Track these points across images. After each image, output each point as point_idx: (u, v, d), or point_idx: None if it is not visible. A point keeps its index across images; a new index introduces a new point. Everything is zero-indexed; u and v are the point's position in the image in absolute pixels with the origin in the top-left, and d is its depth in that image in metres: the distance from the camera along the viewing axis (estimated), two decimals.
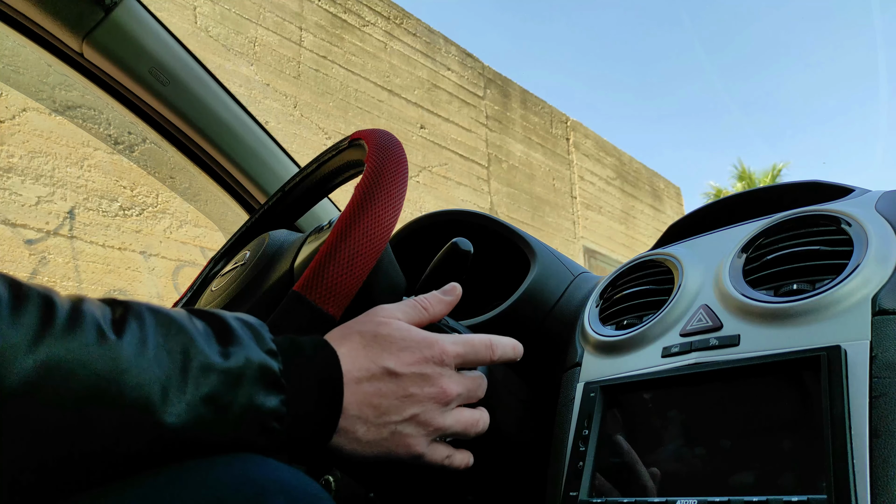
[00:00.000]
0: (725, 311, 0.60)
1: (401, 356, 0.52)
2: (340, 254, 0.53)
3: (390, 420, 0.51)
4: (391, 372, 0.51)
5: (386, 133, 0.64)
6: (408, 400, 0.52)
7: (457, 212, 0.97)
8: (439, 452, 0.56)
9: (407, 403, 0.51)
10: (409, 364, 0.52)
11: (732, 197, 0.83)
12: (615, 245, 6.92)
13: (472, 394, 0.57)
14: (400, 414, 0.51)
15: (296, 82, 4.32)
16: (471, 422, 0.57)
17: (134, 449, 0.38)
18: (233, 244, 0.85)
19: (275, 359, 0.45)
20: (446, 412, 0.54)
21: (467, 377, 0.57)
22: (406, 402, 0.51)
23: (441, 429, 0.54)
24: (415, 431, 0.52)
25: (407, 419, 0.52)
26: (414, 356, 0.53)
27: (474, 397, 0.58)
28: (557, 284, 0.84)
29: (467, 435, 0.57)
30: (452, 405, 0.55)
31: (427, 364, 0.53)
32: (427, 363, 0.53)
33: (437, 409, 0.53)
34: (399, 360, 0.52)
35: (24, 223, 2.93)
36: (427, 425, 0.53)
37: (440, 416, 0.54)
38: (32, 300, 0.36)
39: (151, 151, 1.31)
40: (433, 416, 0.53)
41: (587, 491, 0.58)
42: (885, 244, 0.55)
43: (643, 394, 0.61)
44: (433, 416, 0.53)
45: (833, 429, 0.47)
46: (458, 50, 5.77)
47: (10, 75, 1.61)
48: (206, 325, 0.44)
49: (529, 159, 6.20)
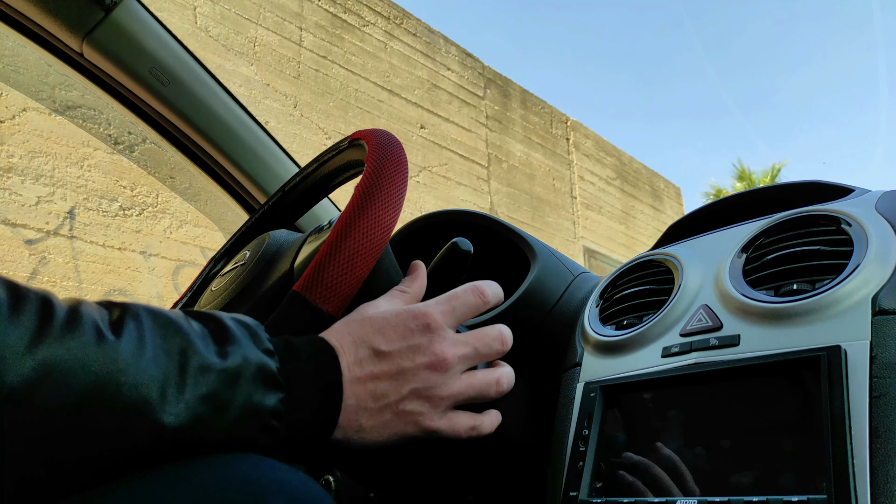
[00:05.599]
0: (725, 311, 0.60)
1: (385, 333, 0.50)
2: (340, 254, 0.53)
3: (389, 401, 0.49)
4: (379, 352, 0.50)
5: (386, 133, 0.64)
6: (401, 376, 0.50)
7: (457, 212, 0.97)
8: (461, 422, 0.53)
9: (401, 380, 0.50)
10: (395, 339, 0.50)
11: (732, 197, 0.83)
12: (615, 245, 6.92)
13: (484, 349, 0.54)
14: (398, 392, 0.49)
15: (296, 82, 4.32)
16: (487, 381, 0.53)
17: (133, 449, 0.38)
18: (233, 244, 0.85)
19: (272, 358, 0.45)
20: (450, 378, 0.52)
21: (471, 334, 0.54)
22: (400, 379, 0.50)
23: (449, 397, 0.51)
24: (419, 407, 0.50)
25: (406, 396, 0.50)
26: (398, 330, 0.51)
27: (489, 354, 0.54)
28: (557, 284, 0.84)
29: (488, 396, 0.54)
30: (455, 369, 0.52)
31: (414, 334, 0.51)
32: (413, 333, 0.51)
33: (438, 378, 0.51)
34: (384, 337, 0.50)
35: (24, 223, 2.93)
36: (431, 398, 0.50)
37: (444, 384, 0.51)
38: (31, 301, 0.36)
39: (151, 151, 1.31)
40: (435, 386, 0.51)
41: (587, 491, 0.58)
42: (885, 244, 0.55)
43: (643, 394, 0.61)
44: (435, 386, 0.51)
45: (833, 429, 0.47)
46: (458, 50, 5.77)
47: (10, 75, 1.60)
48: (202, 327, 0.44)
49: (529, 159, 6.20)
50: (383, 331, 0.51)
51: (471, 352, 0.53)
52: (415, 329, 0.52)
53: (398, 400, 0.50)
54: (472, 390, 0.53)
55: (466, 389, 0.52)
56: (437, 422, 0.51)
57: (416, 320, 0.52)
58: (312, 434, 0.47)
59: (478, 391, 0.53)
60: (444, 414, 0.52)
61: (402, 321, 0.52)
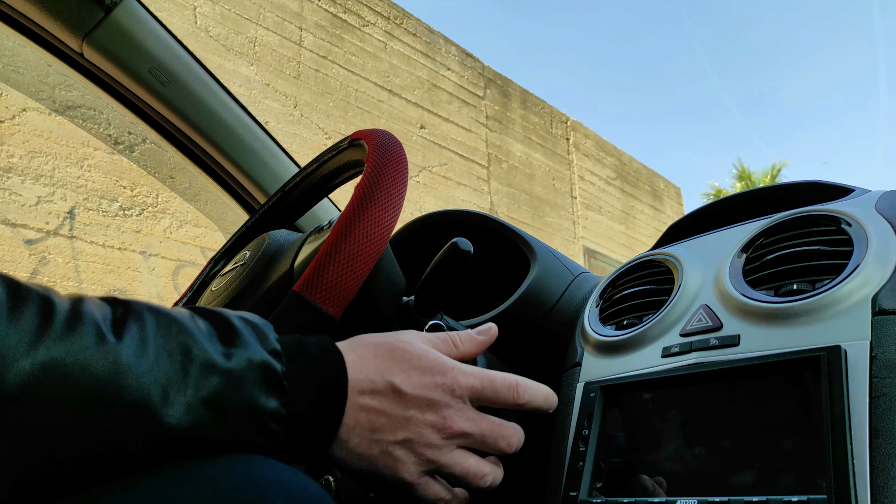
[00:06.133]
0: (725, 311, 0.60)
1: (410, 375, 0.49)
2: (340, 254, 0.53)
3: (383, 438, 0.48)
4: (396, 389, 0.48)
5: (386, 133, 0.64)
6: (404, 422, 0.49)
7: (457, 212, 0.97)
8: (432, 489, 0.51)
9: (402, 426, 0.48)
10: (416, 385, 0.49)
11: (732, 197, 0.83)
12: (615, 245, 6.92)
13: (490, 441, 0.52)
14: (393, 435, 0.48)
15: (296, 82, 4.32)
16: (475, 471, 0.52)
17: (134, 449, 0.38)
18: (233, 244, 0.85)
19: (278, 360, 0.44)
20: (446, 448, 0.50)
21: (487, 419, 0.52)
22: (402, 424, 0.48)
23: (435, 463, 0.50)
24: (406, 457, 0.49)
25: (399, 442, 0.49)
26: (424, 378, 0.49)
27: (492, 446, 0.52)
28: (557, 284, 0.84)
29: (466, 483, 0.52)
30: (454, 442, 0.51)
31: (436, 390, 0.50)
32: (436, 389, 0.50)
33: (435, 441, 0.49)
34: (407, 378, 0.49)
35: (24, 223, 2.93)
36: (420, 455, 0.49)
37: (437, 449, 0.50)
38: (31, 301, 0.36)
39: (151, 151, 1.31)
40: (428, 447, 0.49)
41: (587, 491, 0.58)
42: (885, 244, 0.55)
43: (643, 394, 0.61)
44: (428, 447, 0.49)
45: (833, 429, 0.47)
46: (458, 50, 5.77)
47: (10, 75, 1.61)
48: (209, 325, 0.43)
49: (529, 159, 6.20)
50: (409, 371, 0.49)
51: (477, 435, 0.51)
52: (440, 385, 0.50)
53: (392, 442, 0.49)
54: (458, 469, 0.51)
55: (453, 466, 0.51)
56: (413, 477, 0.50)
57: (444, 377, 0.50)
58: (311, 439, 0.47)
59: (463, 473, 0.51)
60: (422, 475, 0.50)
61: (432, 372, 0.50)
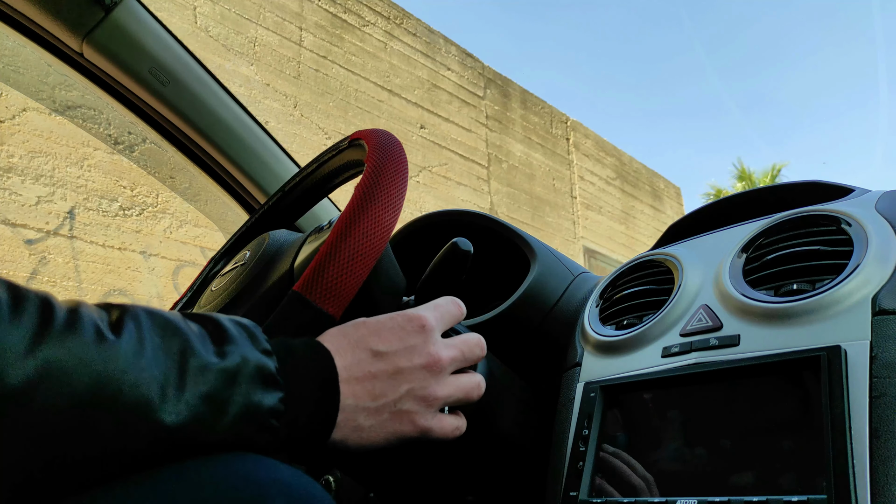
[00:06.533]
0: (725, 311, 0.60)
1: (382, 335, 0.52)
2: (340, 254, 0.53)
3: (387, 400, 0.51)
4: (377, 352, 0.51)
5: (386, 133, 0.64)
6: (399, 375, 0.51)
7: (457, 212, 0.97)
8: (448, 423, 0.55)
9: (399, 379, 0.51)
10: (392, 340, 0.52)
11: (732, 197, 0.83)
12: (615, 245, 6.92)
13: (469, 353, 0.57)
14: (395, 391, 0.51)
15: (296, 82, 4.32)
16: (471, 385, 0.56)
17: (133, 449, 0.38)
18: (233, 244, 0.85)
19: (270, 358, 0.45)
20: (442, 380, 0.54)
21: (458, 339, 0.57)
22: (398, 378, 0.51)
23: (441, 398, 0.53)
24: (415, 406, 0.52)
25: (403, 395, 0.51)
26: (395, 332, 0.53)
27: (472, 358, 0.57)
28: (557, 284, 0.84)
29: (470, 400, 0.56)
30: (446, 372, 0.54)
31: (410, 336, 0.53)
32: (409, 335, 0.53)
33: (432, 379, 0.53)
34: (381, 338, 0.52)
35: (24, 223, 2.93)
36: (425, 398, 0.52)
37: (436, 385, 0.53)
38: (31, 302, 0.36)
39: (151, 151, 1.31)
40: (429, 387, 0.53)
41: (587, 491, 0.58)
42: (885, 244, 0.55)
43: (643, 394, 0.61)
44: (429, 387, 0.53)
45: (833, 429, 0.47)
46: (458, 50, 5.77)
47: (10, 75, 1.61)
48: (200, 328, 0.44)
49: (529, 159, 6.20)
50: (380, 332, 0.52)
51: (459, 355, 0.56)
52: (411, 331, 0.53)
53: (395, 399, 0.51)
54: (459, 392, 0.55)
55: (455, 392, 0.55)
56: (430, 421, 0.53)
57: (411, 322, 0.54)
58: (312, 433, 0.47)
59: (465, 393, 0.55)
60: (434, 415, 0.54)
61: (398, 323, 0.53)
